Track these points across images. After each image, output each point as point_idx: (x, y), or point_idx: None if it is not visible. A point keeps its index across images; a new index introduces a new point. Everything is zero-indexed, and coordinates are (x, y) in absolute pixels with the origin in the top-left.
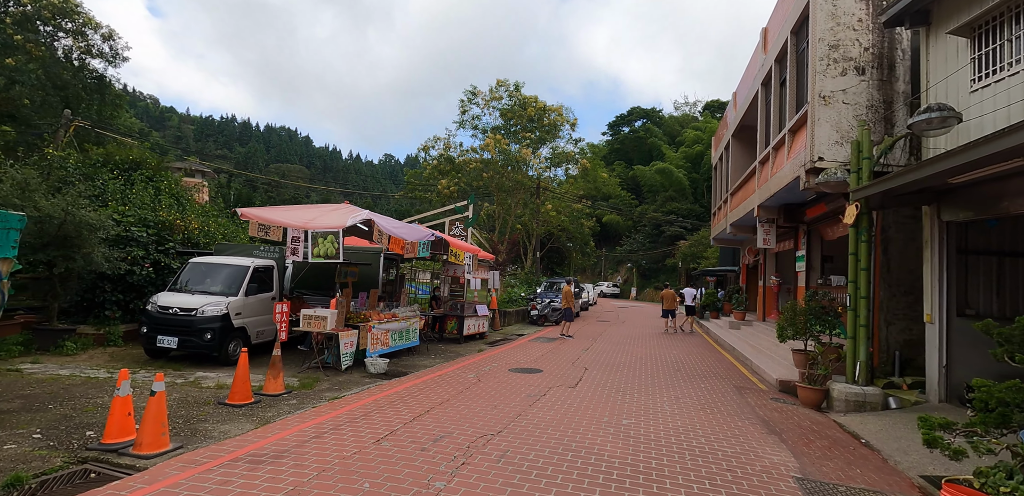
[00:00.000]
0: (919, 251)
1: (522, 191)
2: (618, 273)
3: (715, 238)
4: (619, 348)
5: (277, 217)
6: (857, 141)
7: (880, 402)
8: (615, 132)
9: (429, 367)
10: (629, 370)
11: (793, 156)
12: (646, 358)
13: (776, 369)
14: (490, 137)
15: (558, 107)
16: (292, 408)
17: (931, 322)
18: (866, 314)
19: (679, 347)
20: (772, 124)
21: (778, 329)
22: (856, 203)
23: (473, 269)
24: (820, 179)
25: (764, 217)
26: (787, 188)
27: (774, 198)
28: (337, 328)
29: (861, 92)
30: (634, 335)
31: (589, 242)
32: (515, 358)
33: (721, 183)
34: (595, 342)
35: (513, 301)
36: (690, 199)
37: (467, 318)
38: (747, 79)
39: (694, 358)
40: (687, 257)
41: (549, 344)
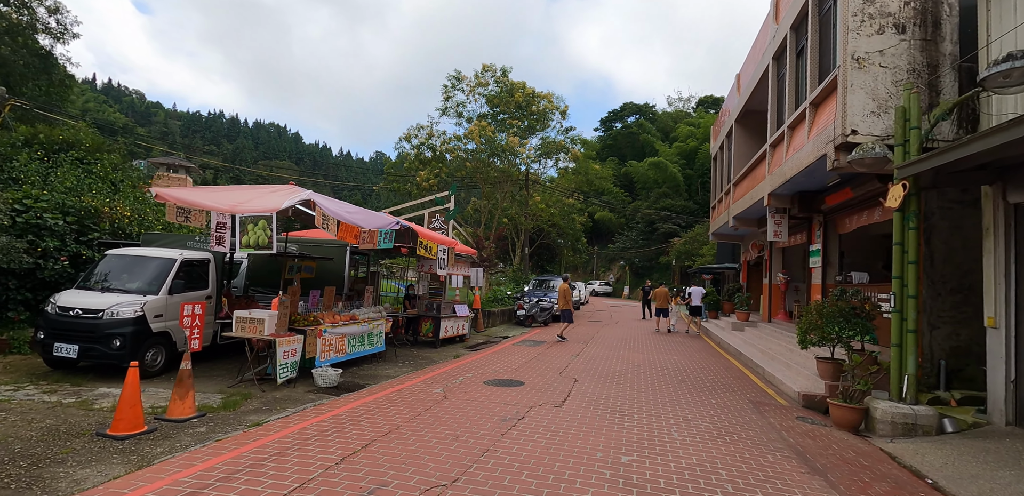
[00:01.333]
0: (967, 241)
1: (509, 183)
2: (610, 271)
3: (714, 233)
4: (613, 353)
5: (198, 199)
6: (903, 107)
7: (934, 425)
8: (607, 128)
9: (392, 378)
10: (626, 381)
11: (817, 132)
12: (645, 365)
13: (795, 380)
14: (474, 124)
15: (548, 94)
16: (194, 440)
17: (995, 326)
18: (915, 317)
19: (679, 351)
20: (787, 101)
21: (799, 333)
22: (903, 182)
23: (449, 264)
24: (854, 156)
25: (775, 206)
26: (807, 171)
27: (789, 184)
28: (277, 333)
29: (901, 53)
30: (629, 337)
31: (581, 238)
32: (495, 366)
33: (722, 174)
34: (586, 346)
35: (499, 300)
36: (684, 196)
37: (444, 319)
38: (753, 57)
39: (698, 365)
40: (681, 255)
41: (535, 348)
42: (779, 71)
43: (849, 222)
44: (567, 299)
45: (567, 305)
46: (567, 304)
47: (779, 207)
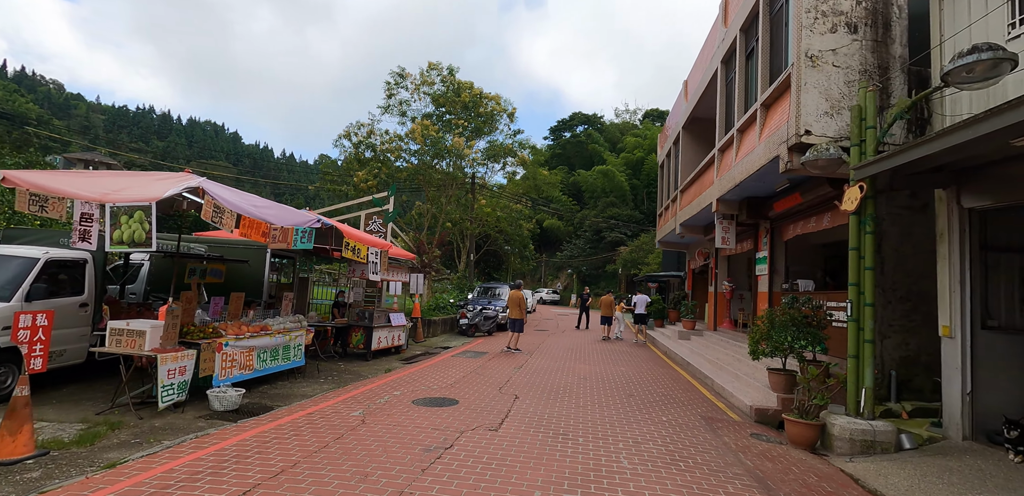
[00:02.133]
0: (917, 248)
1: (455, 187)
2: (558, 279)
3: (661, 241)
4: (559, 365)
5: (58, 184)
6: (859, 106)
7: (893, 441)
8: (557, 137)
9: (308, 397)
10: (571, 397)
11: (769, 134)
12: (591, 378)
13: (746, 392)
14: (417, 124)
15: (495, 96)
16: (16, 490)
17: (950, 336)
18: (872, 326)
19: (627, 362)
20: (736, 104)
21: (751, 343)
22: (860, 184)
23: (382, 269)
24: (808, 157)
25: (724, 213)
26: (758, 174)
27: (738, 188)
28: (162, 347)
29: (853, 53)
30: (576, 347)
31: (528, 245)
32: (429, 381)
33: (669, 181)
34: (531, 357)
35: (441, 308)
36: (631, 205)
37: (377, 329)
38: (701, 63)
39: (647, 377)
40: (628, 263)
41: (476, 360)
42: (728, 75)
43: (793, 229)
44: (520, 308)
45: (519, 314)
46: (520, 313)
47: (727, 213)
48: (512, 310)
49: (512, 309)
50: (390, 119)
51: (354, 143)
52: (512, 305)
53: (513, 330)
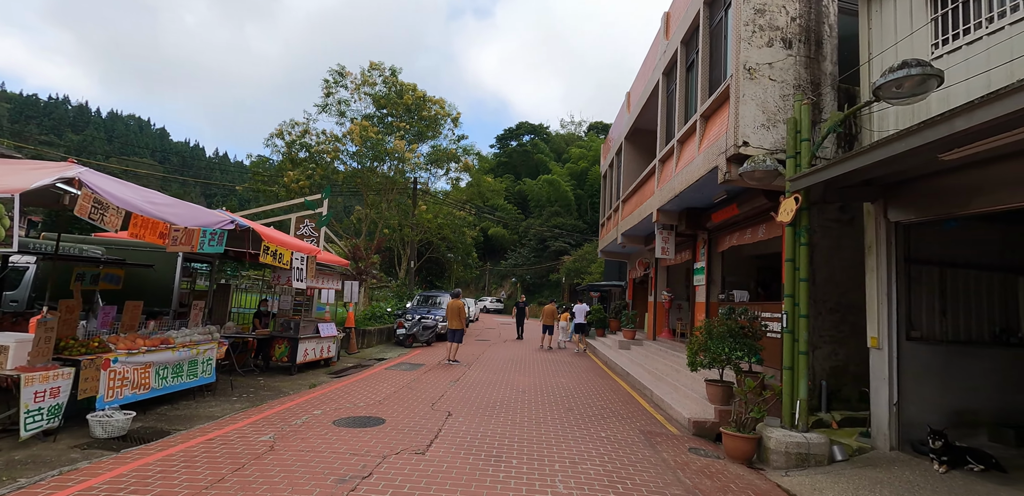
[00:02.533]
0: (845, 261)
1: (395, 191)
2: (502, 288)
3: (603, 251)
4: (498, 377)
5: None
6: (795, 119)
7: (826, 454)
8: (503, 145)
9: (215, 419)
10: (509, 412)
11: (708, 144)
12: (531, 391)
13: (684, 404)
14: (356, 124)
15: (440, 99)
16: None
17: (878, 347)
18: (806, 337)
19: (567, 373)
20: (677, 115)
21: (689, 354)
22: (796, 195)
23: (309, 275)
24: (746, 168)
25: (663, 223)
26: (697, 185)
27: (678, 199)
28: (31, 365)
29: (788, 68)
30: (517, 358)
31: (472, 253)
32: (356, 397)
33: (611, 192)
34: (469, 369)
35: (377, 318)
36: (575, 215)
37: (304, 341)
38: (644, 74)
39: (587, 388)
40: (571, 272)
41: (411, 373)
42: (669, 86)
43: (729, 240)
44: (460, 317)
45: (459, 324)
46: (459, 323)
47: (667, 224)
48: (451, 320)
49: (451, 319)
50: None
51: (287, 142)
52: (451, 315)
53: (452, 341)
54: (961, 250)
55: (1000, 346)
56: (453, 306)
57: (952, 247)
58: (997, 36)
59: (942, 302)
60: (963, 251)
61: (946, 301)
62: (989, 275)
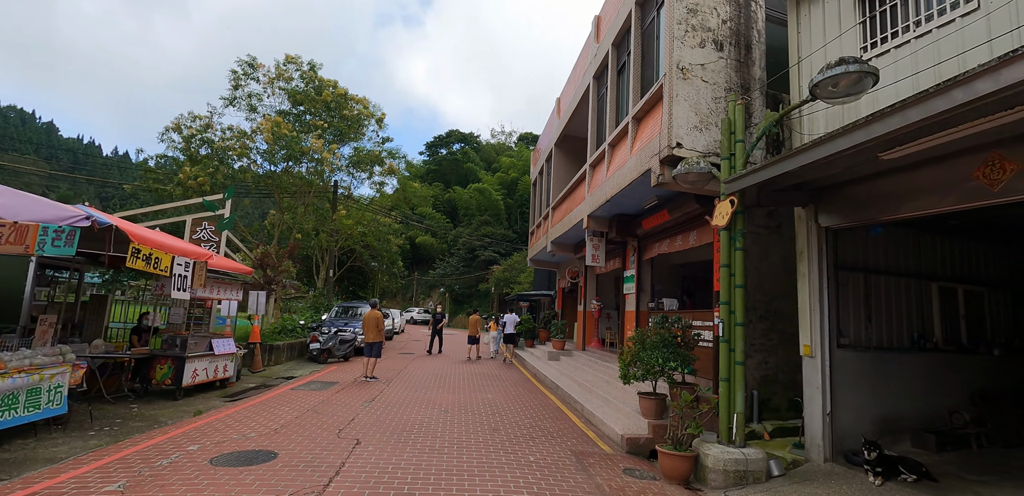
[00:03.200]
0: (774, 267)
1: (312, 194)
2: (430, 298)
3: (532, 259)
4: (419, 394)
5: None
6: (729, 119)
7: (764, 469)
8: (432, 153)
9: (57, 461)
10: (427, 437)
11: (640, 147)
12: (455, 410)
13: (617, 418)
14: (267, 119)
15: (363, 98)
16: None
17: (811, 355)
18: (743, 347)
19: (495, 387)
20: (608, 119)
21: (621, 366)
22: (732, 198)
23: (196, 283)
24: (679, 170)
25: (594, 229)
26: (629, 189)
27: (609, 204)
28: None
29: (720, 70)
30: (441, 372)
31: (397, 262)
32: (248, 426)
33: (541, 199)
34: (388, 386)
35: (288, 331)
36: (505, 224)
37: (192, 360)
38: (574, 79)
39: (515, 404)
40: (500, 282)
41: (321, 393)
42: (600, 90)
43: (659, 247)
44: (378, 330)
45: (377, 337)
46: (377, 336)
47: (597, 230)
48: (368, 333)
49: (368, 331)
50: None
51: (185, 136)
52: (368, 327)
53: (369, 355)
54: (881, 256)
55: (918, 351)
56: (371, 317)
57: (874, 253)
58: (924, 39)
59: (867, 308)
60: (883, 257)
61: (871, 307)
62: (907, 281)
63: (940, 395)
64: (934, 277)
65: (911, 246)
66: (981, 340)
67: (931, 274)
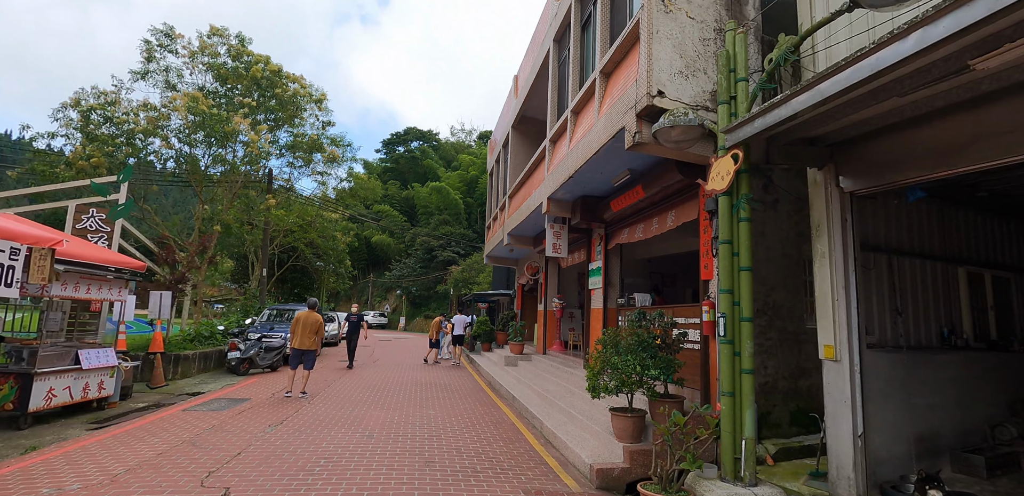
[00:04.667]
0: (771, 251)
1: (240, 184)
2: (386, 300)
3: (489, 256)
4: (345, 412)
5: None
6: (727, 53)
7: None
8: (390, 151)
9: None
10: (331, 481)
11: (611, 102)
12: (383, 432)
13: (584, 440)
14: (183, 94)
15: (299, 76)
16: None
17: (835, 359)
18: (751, 350)
19: (441, 400)
20: (571, 83)
21: (589, 376)
22: (735, 151)
23: (35, 278)
24: (662, 123)
25: (555, 215)
26: (596, 160)
27: (572, 182)
28: None
29: (708, 7)
30: (382, 383)
31: (345, 261)
32: (81, 470)
33: (498, 189)
34: (310, 403)
35: (205, 338)
36: (464, 224)
37: (46, 377)
38: (532, 51)
39: (460, 422)
40: (459, 283)
41: (216, 415)
42: (561, 54)
43: (632, 233)
44: (312, 335)
45: (311, 344)
46: (309, 343)
47: (559, 216)
48: (298, 338)
49: (298, 337)
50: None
51: (82, 109)
52: (299, 331)
53: (295, 367)
54: (905, 234)
55: (949, 350)
56: (305, 320)
57: (897, 230)
58: None
59: (893, 298)
60: (907, 235)
61: (897, 297)
62: (932, 265)
63: (977, 404)
64: (961, 260)
65: (936, 222)
66: (1012, 335)
67: (958, 257)
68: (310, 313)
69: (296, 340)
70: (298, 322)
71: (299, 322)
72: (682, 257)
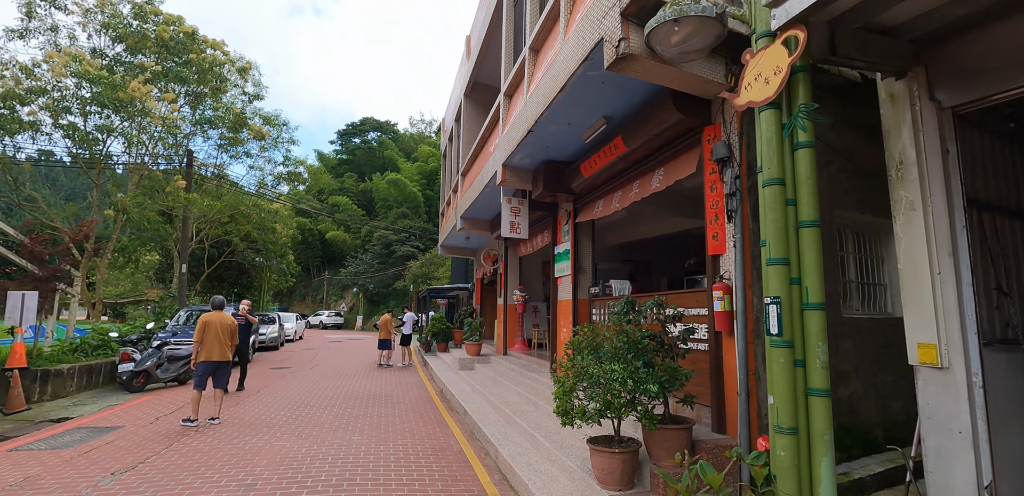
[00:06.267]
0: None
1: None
2: (343, 300)
3: (443, 246)
4: (233, 447)
5: None
6: None
7: None
8: (345, 142)
9: None
10: None
11: (582, 16)
12: (271, 483)
13: (553, 481)
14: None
15: (218, 42)
16: None
17: (939, 365)
18: (826, 355)
19: (374, 422)
20: (529, 16)
21: (558, 394)
22: (791, 33)
23: None
24: (666, 15)
25: (513, 185)
26: (564, 101)
27: (533, 140)
28: None
29: None
30: (306, 398)
31: (287, 255)
32: None
33: (451, 170)
34: (193, 434)
35: (95, 348)
36: (424, 217)
37: None
38: (484, 4)
39: (391, 457)
40: (418, 278)
41: (55, 455)
42: None
43: (606, 203)
44: (222, 343)
45: (221, 354)
46: (221, 352)
47: (518, 186)
48: (206, 347)
49: (208, 345)
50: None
51: None
52: (212, 339)
53: (200, 386)
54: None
55: None
56: (211, 323)
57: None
58: None
59: (997, 273)
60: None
61: (999, 270)
62: None
63: None
64: None
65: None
66: None
67: None
68: (221, 315)
69: (205, 350)
70: (206, 327)
71: (208, 327)
72: (657, 242)
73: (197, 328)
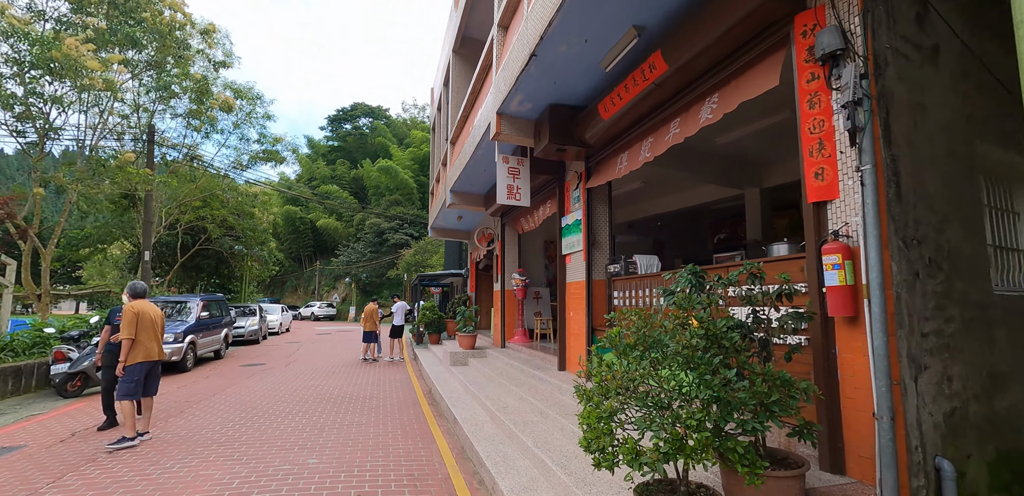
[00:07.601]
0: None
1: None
2: (335, 290)
3: (434, 227)
4: (147, 479)
5: None
6: None
7: None
8: (336, 128)
9: None
10: None
11: None
12: None
13: None
14: None
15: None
16: None
17: None
18: None
19: (342, 434)
20: None
21: (588, 424)
22: None
23: None
24: None
25: (511, 140)
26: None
27: (537, 71)
28: None
29: None
30: (268, 403)
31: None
32: None
33: (441, 141)
34: (106, 457)
35: (32, 346)
36: (417, 204)
37: None
38: None
39: (362, 485)
40: (412, 267)
41: None
42: None
43: (630, 157)
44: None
45: (145, 352)
46: (147, 350)
47: (517, 143)
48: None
49: (145, 342)
50: None
51: None
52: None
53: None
54: None
55: None
56: (153, 316)
57: None
58: None
59: None
60: None
61: None
62: None
63: None
64: None
65: None
66: None
67: None
68: (146, 304)
69: (142, 349)
70: (139, 319)
71: (141, 318)
72: (672, 218)
73: (125, 320)
